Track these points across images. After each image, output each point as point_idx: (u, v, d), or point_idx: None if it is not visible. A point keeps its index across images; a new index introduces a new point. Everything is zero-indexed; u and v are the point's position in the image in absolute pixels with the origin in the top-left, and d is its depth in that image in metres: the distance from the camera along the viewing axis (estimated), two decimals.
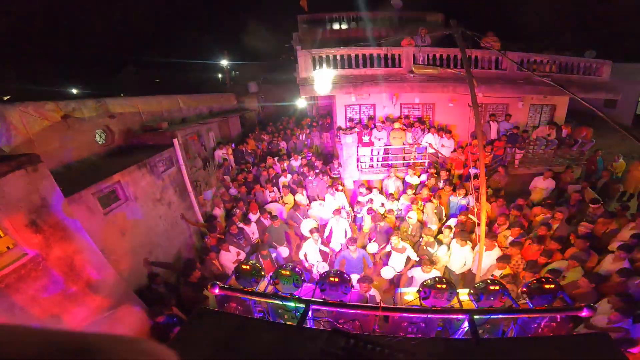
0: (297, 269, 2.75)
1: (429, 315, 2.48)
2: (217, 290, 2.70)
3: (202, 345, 2.21)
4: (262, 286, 3.07)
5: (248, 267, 2.82)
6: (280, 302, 2.64)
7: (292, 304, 2.59)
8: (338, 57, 9.28)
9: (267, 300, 2.68)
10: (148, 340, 0.43)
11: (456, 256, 5.86)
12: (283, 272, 2.73)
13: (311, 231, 6.25)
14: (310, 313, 2.53)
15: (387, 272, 5.55)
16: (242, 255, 6.30)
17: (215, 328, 2.42)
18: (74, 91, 25.66)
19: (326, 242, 6.89)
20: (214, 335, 2.35)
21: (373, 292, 4.70)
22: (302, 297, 2.57)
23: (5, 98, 21.72)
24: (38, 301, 3.27)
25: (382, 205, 7.68)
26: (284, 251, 6.45)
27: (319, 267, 5.92)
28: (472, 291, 2.62)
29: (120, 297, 4.37)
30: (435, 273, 5.22)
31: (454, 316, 2.55)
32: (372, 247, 6.21)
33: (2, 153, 4.49)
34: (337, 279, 2.58)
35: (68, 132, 5.92)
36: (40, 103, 5.34)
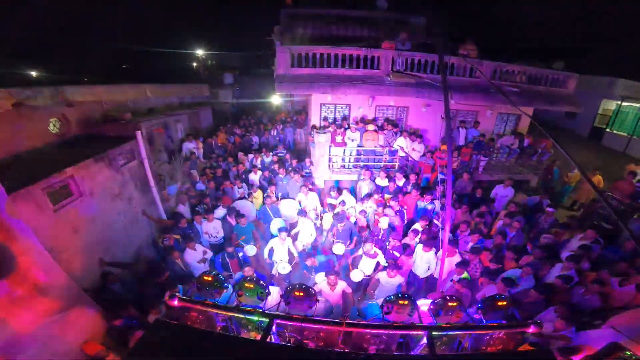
0: (261, 282, 2.67)
1: (391, 332, 2.53)
2: (176, 302, 2.57)
3: None
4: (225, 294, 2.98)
5: (210, 278, 2.71)
6: (243, 316, 2.56)
7: (255, 318, 2.52)
8: (317, 55, 9.17)
9: (230, 314, 2.60)
10: None
11: (420, 261, 6.04)
12: (247, 284, 2.65)
13: (280, 230, 6.19)
14: (274, 327, 2.49)
15: (356, 275, 5.64)
16: (209, 254, 6.11)
17: (174, 342, 2.31)
18: (33, 74, 23.33)
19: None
20: (172, 350, 2.24)
21: (345, 287, 4.92)
22: (266, 311, 2.51)
23: None
24: None
25: (353, 207, 7.71)
26: (250, 250, 6.28)
27: (280, 267, 5.85)
28: (431, 307, 2.71)
29: (71, 299, 4.08)
30: (399, 278, 5.38)
31: (414, 332, 2.62)
32: (338, 249, 6.23)
33: None
34: (302, 293, 2.55)
35: (19, 121, 5.43)
36: None
